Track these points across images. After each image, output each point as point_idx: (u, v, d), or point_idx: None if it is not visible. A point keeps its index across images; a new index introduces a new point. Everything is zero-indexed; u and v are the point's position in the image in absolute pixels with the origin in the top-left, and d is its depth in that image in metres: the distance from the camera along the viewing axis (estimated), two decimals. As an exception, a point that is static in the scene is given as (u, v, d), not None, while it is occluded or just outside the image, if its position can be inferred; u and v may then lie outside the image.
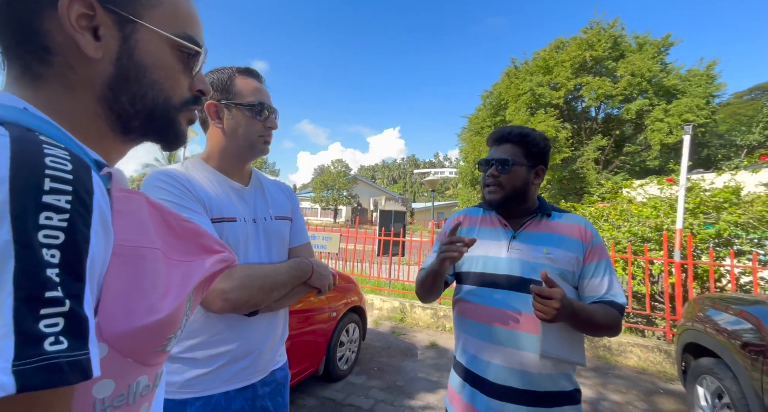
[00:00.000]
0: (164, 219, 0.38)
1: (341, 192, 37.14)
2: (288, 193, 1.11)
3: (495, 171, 1.05)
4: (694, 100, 13.85)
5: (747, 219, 4.17)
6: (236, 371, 0.86)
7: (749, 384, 1.70)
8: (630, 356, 3.62)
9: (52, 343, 0.24)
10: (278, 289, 0.88)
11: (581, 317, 0.91)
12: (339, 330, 2.86)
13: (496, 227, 1.10)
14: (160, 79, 0.41)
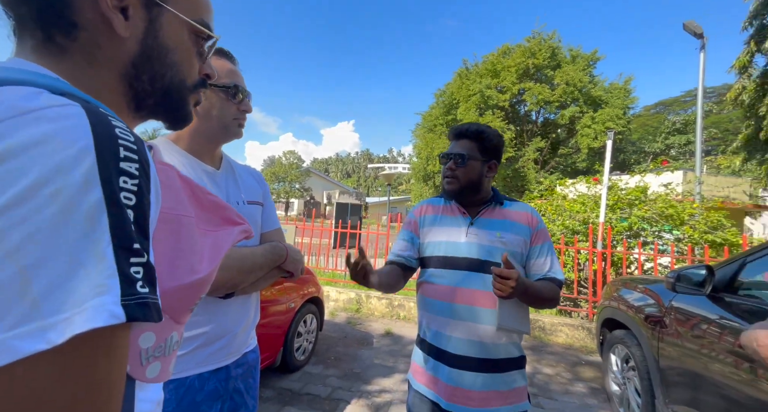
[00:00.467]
0: (193, 191, 0.41)
1: (293, 185, 36.00)
2: (259, 178, 1.11)
3: (453, 165, 1.16)
4: (615, 110, 15.69)
5: (651, 214, 4.91)
6: (210, 353, 0.86)
7: (649, 349, 2.06)
8: (560, 335, 4.10)
9: (141, 286, 0.28)
10: (255, 271, 0.89)
11: (530, 292, 1.05)
12: (297, 321, 2.85)
13: (456, 215, 1.21)
14: (179, 61, 0.43)
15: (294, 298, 2.82)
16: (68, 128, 0.27)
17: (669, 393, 1.85)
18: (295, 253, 1.01)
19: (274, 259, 0.94)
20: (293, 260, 0.99)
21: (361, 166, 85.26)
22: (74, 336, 0.24)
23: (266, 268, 0.93)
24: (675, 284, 1.72)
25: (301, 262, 1.02)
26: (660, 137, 28.38)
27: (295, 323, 2.82)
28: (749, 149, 8.05)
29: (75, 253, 0.25)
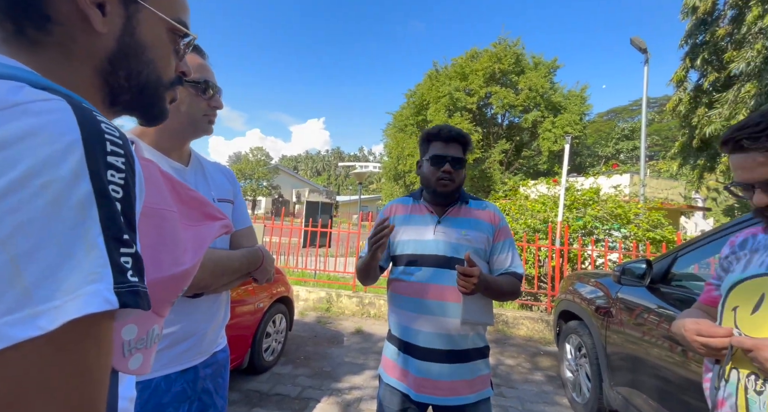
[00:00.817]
0: (173, 187, 0.41)
1: (261, 182, 34.86)
2: (229, 175, 1.10)
3: (450, 168, 1.19)
4: (572, 116, 16.75)
5: (603, 214, 5.32)
6: (178, 353, 0.85)
7: (598, 337, 2.25)
8: (521, 327, 4.33)
9: (131, 275, 0.29)
10: (228, 275, 0.89)
11: (492, 287, 1.13)
12: (265, 321, 2.80)
13: (424, 214, 1.26)
14: (156, 58, 0.43)
15: (262, 298, 2.77)
16: (55, 122, 0.28)
17: (614, 377, 2.04)
18: (270, 262, 1.01)
19: (248, 265, 0.94)
20: (264, 269, 0.99)
21: (331, 164, 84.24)
22: (66, 323, 0.25)
23: (239, 273, 0.92)
24: (620, 277, 1.90)
25: (270, 272, 1.02)
26: (611, 142, 30.76)
27: (263, 324, 2.77)
28: (684, 155, 8.92)
29: (65, 243, 0.26)
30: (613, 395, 2.02)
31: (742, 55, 7.21)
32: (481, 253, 1.21)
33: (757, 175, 0.73)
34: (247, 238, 1.05)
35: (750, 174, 0.74)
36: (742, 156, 0.75)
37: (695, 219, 16.25)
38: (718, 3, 8.07)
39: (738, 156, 0.76)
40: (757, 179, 0.73)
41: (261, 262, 0.98)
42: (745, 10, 7.24)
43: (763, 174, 0.72)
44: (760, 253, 0.81)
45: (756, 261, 0.80)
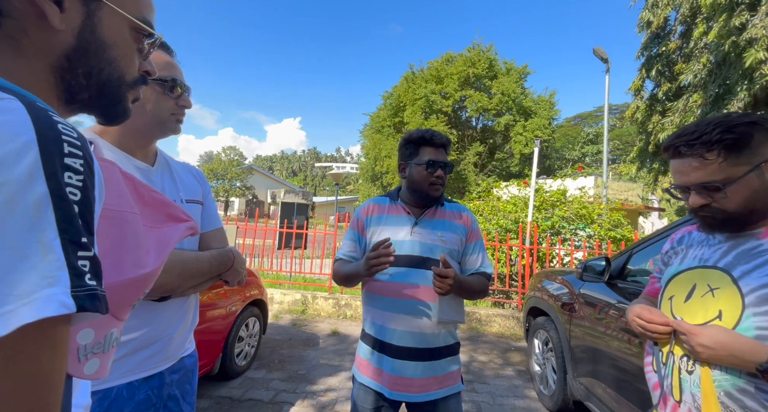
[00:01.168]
0: (136, 188, 0.41)
1: (234, 183, 33.80)
2: (199, 176, 1.07)
3: (442, 173, 1.23)
4: (542, 120, 17.50)
5: (569, 214, 5.60)
6: (142, 360, 0.82)
7: (563, 331, 2.37)
8: (493, 325, 4.48)
9: (89, 279, 0.28)
10: (197, 277, 0.87)
11: (465, 287, 1.18)
12: (238, 325, 2.73)
13: (401, 214, 1.29)
14: (118, 56, 0.42)
15: (235, 301, 2.70)
16: (8, 123, 0.27)
17: (577, 368, 2.16)
18: (241, 263, 0.99)
19: (218, 267, 0.92)
20: (235, 271, 0.97)
21: (308, 164, 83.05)
22: (19, 328, 0.24)
23: (209, 275, 0.90)
24: (582, 273, 2.02)
25: (242, 274, 1.00)
26: (577, 146, 32.44)
27: (236, 328, 2.70)
28: (642, 159, 9.55)
29: (20, 245, 0.25)
30: (576, 386, 2.14)
31: (690, 67, 7.83)
32: (454, 254, 1.25)
33: (692, 179, 0.80)
34: (218, 239, 1.04)
35: (686, 178, 0.81)
36: (679, 161, 0.83)
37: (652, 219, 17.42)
38: (670, 18, 8.72)
39: (676, 161, 0.84)
40: (692, 182, 0.80)
41: (231, 263, 0.96)
42: (692, 26, 7.86)
43: (697, 177, 0.79)
44: (694, 248, 0.90)
45: (690, 255, 0.89)
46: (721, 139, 0.76)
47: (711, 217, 0.80)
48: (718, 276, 0.79)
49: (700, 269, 0.84)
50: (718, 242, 0.85)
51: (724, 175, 0.76)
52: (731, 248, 0.81)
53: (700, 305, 0.80)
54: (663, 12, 8.52)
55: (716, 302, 0.77)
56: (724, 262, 0.80)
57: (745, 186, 0.76)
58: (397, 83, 20.19)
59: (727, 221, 0.79)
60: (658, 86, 9.09)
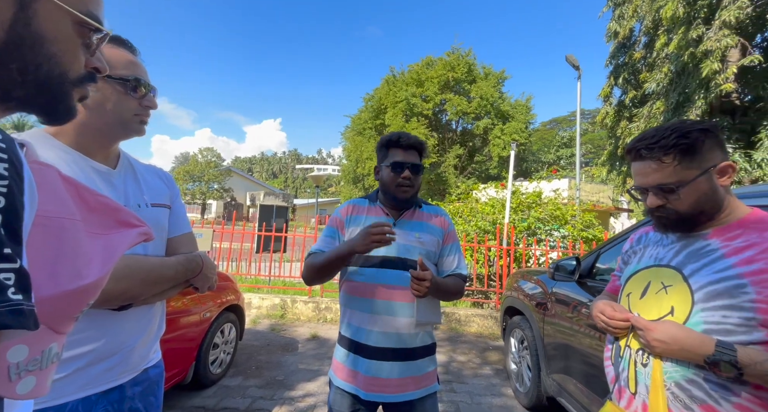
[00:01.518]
0: (79, 193, 0.39)
1: (211, 185, 32.84)
2: (166, 179, 1.04)
3: (410, 174, 1.23)
4: (519, 124, 18.02)
5: (544, 215, 5.78)
6: (99, 372, 0.78)
7: (538, 330, 2.45)
8: (472, 325, 4.55)
9: (13, 293, 0.26)
10: (161, 284, 0.83)
11: (441, 289, 1.19)
12: (213, 332, 2.65)
13: (380, 216, 1.29)
14: (59, 52, 0.40)
15: (210, 307, 2.62)
16: None
17: (549, 365, 2.23)
18: (210, 269, 0.96)
19: (186, 273, 0.89)
20: (204, 277, 0.94)
21: (288, 166, 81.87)
22: None
23: (175, 281, 0.87)
24: (554, 273, 2.09)
25: (211, 279, 0.97)
26: (552, 149, 33.64)
27: (210, 334, 2.62)
28: (612, 162, 10.04)
29: None
30: (549, 383, 2.21)
31: (653, 76, 8.30)
32: (431, 255, 1.27)
33: (650, 180, 0.85)
34: (186, 244, 1.01)
35: (645, 179, 0.86)
36: (639, 164, 0.87)
37: (622, 219, 18.24)
38: (635, 29, 9.22)
39: (637, 163, 0.88)
40: (649, 184, 0.85)
41: (200, 269, 0.93)
42: (655, 37, 8.34)
43: (655, 179, 0.84)
44: (650, 247, 0.95)
45: (647, 255, 0.94)
46: (676, 144, 0.81)
47: (665, 217, 0.85)
48: (671, 274, 0.84)
49: (655, 267, 0.89)
50: (671, 241, 0.90)
51: (678, 177, 0.81)
52: (682, 248, 0.86)
53: (655, 302, 0.85)
54: (628, 23, 8.99)
55: (669, 298, 0.82)
56: (676, 261, 0.85)
57: (695, 189, 0.81)
58: (378, 86, 20.29)
59: (679, 221, 0.84)
60: (625, 93, 9.58)
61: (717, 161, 0.82)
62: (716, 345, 0.71)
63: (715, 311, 0.75)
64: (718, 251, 0.79)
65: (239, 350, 3.39)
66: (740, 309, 0.72)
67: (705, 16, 6.86)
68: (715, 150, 0.82)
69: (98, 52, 0.46)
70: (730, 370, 0.69)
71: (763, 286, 0.71)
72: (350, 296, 1.25)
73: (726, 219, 0.83)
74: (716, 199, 0.82)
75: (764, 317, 0.70)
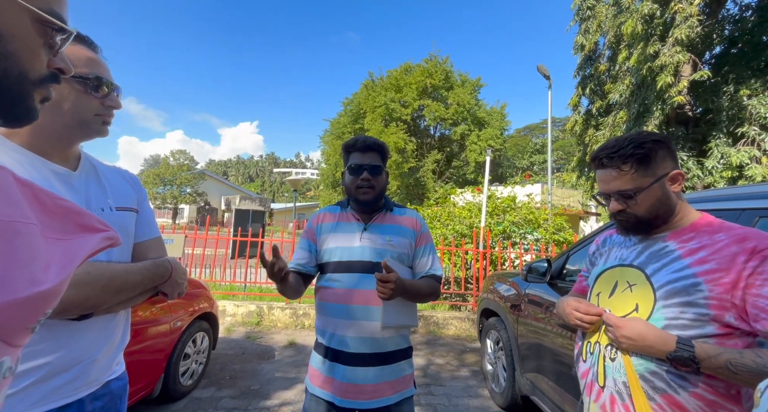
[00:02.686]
0: (36, 196, 0.37)
1: (183, 188, 31.58)
2: (133, 182, 1.00)
3: (368, 175, 1.24)
4: (494, 130, 18.58)
5: (518, 219, 5.97)
6: (56, 387, 0.73)
7: (512, 330, 2.52)
8: (450, 328, 4.61)
9: None
10: (126, 291, 0.80)
11: (411, 291, 1.20)
12: (184, 342, 2.54)
13: (351, 222, 1.30)
14: (17, 51, 0.38)
15: (180, 316, 2.51)
16: None
17: (523, 365, 2.29)
18: (180, 274, 0.93)
19: (153, 279, 0.86)
20: (174, 283, 0.91)
21: (265, 170, 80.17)
22: None
23: (141, 288, 0.83)
24: (527, 275, 2.16)
25: (182, 285, 0.94)
26: (526, 155, 34.88)
27: (181, 344, 2.51)
28: (580, 168, 10.55)
29: None
30: (523, 382, 2.27)
31: (616, 87, 8.83)
32: (404, 257, 1.28)
33: (611, 187, 0.91)
34: (154, 250, 0.97)
35: (607, 186, 0.93)
36: (602, 171, 0.94)
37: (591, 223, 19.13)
38: (599, 43, 9.78)
39: (600, 171, 0.95)
40: (611, 190, 0.92)
41: (169, 274, 0.90)
42: (617, 51, 8.88)
43: (615, 186, 0.90)
44: (615, 249, 1.02)
45: (613, 256, 1.00)
46: (633, 154, 0.88)
47: (626, 220, 0.92)
48: (635, 274, 0.90)
49: (620, 267, 0.95)
50: (633, 243, 0.96)
51: (636, 184, 0.88)
52: (644, 249, 0.92)
53: (622, 300, 0.91)
54: (593, 37, 9.53)
55: (634, 296, 0.88)
56: (639, 261, 0.91)
57: (650, 195, 0.88)
58: (357, 90, 20.35)
59: (638, 224, 0.91)
60: (591, 103, 10.11)
61: (669, 170, 0.89)
62: (677, 342, 0.76)
63: (673, 308, 0.80)
64: (675, 252, 0.85)
65: (212, 359, 3.26)
66: (695, 306, 0.78)
67: (660, 34, 7.38)
68: (667, 159, 0.89)
69: (62, 52, 0.45)
70: (689, 364, 0.74)
71: (714, 284, 0.77)
72: (324, 302, 1.25)
73: (680, 223, 0.90)
74: (669, 205, 0.89)
75: (716, 313, 0.76)
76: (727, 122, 7.36)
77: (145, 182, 30.84)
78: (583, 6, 9.57)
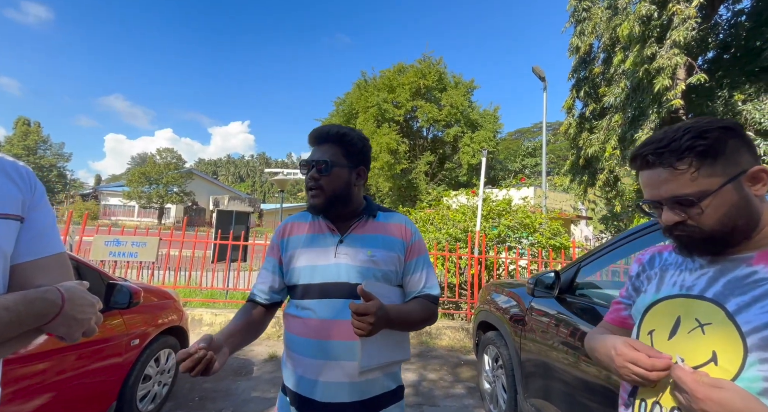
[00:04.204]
0: None
1: (170, 188, 30.78)
2: (21, 177, 0.71)
3: (316, 173, 0.98)
4: (487, 133, 18.50)
5: (514, 223, 5.77)
6: None
7: (513, 346, 2.27)
8: (444, 338, 4.36)
9: None
10: None
11: (398, 321, 0.92)
12: (143, 362, 2.23)
13: (324, 232, 1.03)
14: None
15: (139, 333, 2.20)
16: None
17: (528, 387, 2.05)
18: (79, 307, 0.66)
19: (29, 319, 0.59)
20: (69, 320, 0.64)
21: (256, 170, 79.19)
22: None
23: (15, 328, 0.58)
24: (534, 289, 1.92)
25: (85, 322, 0.67)
26: (518, 159, 35.04)
27: (140, 365, 2.20)
28: (573, 172, 10.44)
29: None
30: (527, 408, 2.03)
31: (611, 91, 8.75)
32: (392, 276, 1.01)
33: (662, 192, 0.68)
34: (46, 273, 0.69)
35: (656, 191, 0.69)
36: (648, 172, 0.71)
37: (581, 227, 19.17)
38: (594, 46, 9.71)
39: (645, 173, 0.72)
40: (662, 196, 0.68)
41: (58, 310, 0.63)
42: (612, 54, 8.81)
43: (669, 191, 0.66)
44: (670, 271, 0.77)
45: (668, 281, 0.75)
46: (692, 146, 0.64)
47: (687, 236, 0.68)
48: (708, 309, 0.65)
49: (682, 298, 0.70)
50: (699, 266, 0.71)
51: (698, 187, 0.64)
52: (718, 275, 0.67)
53: (689, 344, 0.66)
54: (588, 39, 9.45)
55: (707, 341, 0.63)
56: (713, 291, 0.66)
57: (722, 200, 0.64)
58: (349, 90, 20.10)
59: (706, 240, 0.66)
60: (586, 106, 10.03)
61: (746, 166, 0.65)
62: None
63: None
64: None
65: (181, 377, 2.95)
66: None
67: (658, 36, 7.30)
68: (742, 152, 0.65)
69: None
70: None
71: None
72: (291, 335, 0.98)
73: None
74: (751, 213, 0.65)
75: None
76: (721, 127, 7.32)
77: (130, 181, 29.97)
78: (578, 7, 9.49)
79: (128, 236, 4.46)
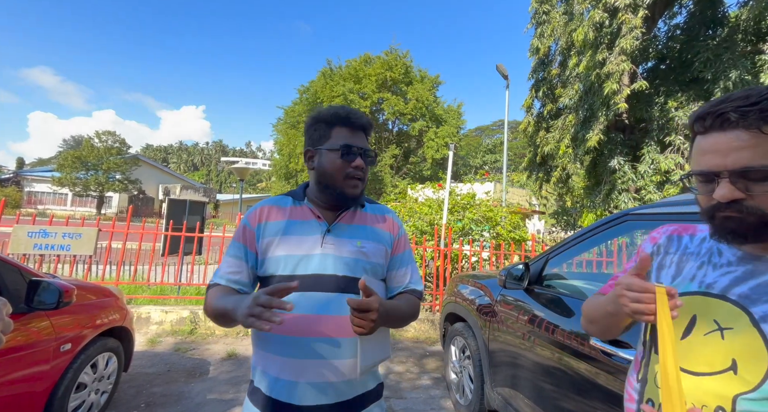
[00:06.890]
0: None
1: (112, 174, 27.97)
2: None
3: (362, 163, 0.91)
4: (451, 128, 18.93)
5: (477, 216, 5.94)
6: None
7: (481, 336, 2.31)
8: (409, 330, 4.38)
9: None
10: None
11: (394, 316, 0.88)
12: (77, 368, 1.96)
13: (309, 219, 0.93)
14: None
15: (71, 336, 1.92)
16: None
17: (495, 378, 2.09)
18: None
19: None
20: None
21: (212, 158, 74.58)
22: None
23: None
24: (506, 280, 1.94)
25: None
26: (479, 155, 36.46)
27: (71, 372, 1.92)
28: (530, 169, 11.00)
29: None
30: (493, 396, 2.07)
31: (566, 92, 9.28)
32: (378, 269, 0.95)
33: (730, 161, 0.56)
34: None
35: (721, 159, 0.57)
36: (717, 136, 0.58)
37: (534, 221, 20.43)
38: (552, 48, 10.22)
39: (713, 136, 0.59)
40: (729, 167, 0.56)
41: None
42: (568, 57, 9.33)
43: (741, 159, 0.55)
44: (690, 264, 0.68)
45: (687, 274, 0.68)
46: None
47: (740, 219, 0.56)
48: (730, 311, 0.59)
49: (701, 295, 0.64)
50: (727, 262, 0.63)
51: None
52: (747, 276, 0.60)
53: (704, 347, 0.60)
54: (547, 42, 9.91)
55: (727, 346, 0.58)
56: (738, 292, 0.59)
57: None
58: (314, 78, 19.47)
59: (760, 227, 0.56)
60: (543, 106, 10.56)
61: None
62: None
63: None
64: None
65: (126, 382, 2.67)
66: None
67: (608, 42, 7.82)
68: None
69: None
70: None
71: None
72: (268, 334, 0.87)
73: None
74: None
75: None
76: (657, 131, 8.06)
77: (61, 165, 26.76)
78: (539, 10, 9.89)
79: (58, 226, 3.92)
